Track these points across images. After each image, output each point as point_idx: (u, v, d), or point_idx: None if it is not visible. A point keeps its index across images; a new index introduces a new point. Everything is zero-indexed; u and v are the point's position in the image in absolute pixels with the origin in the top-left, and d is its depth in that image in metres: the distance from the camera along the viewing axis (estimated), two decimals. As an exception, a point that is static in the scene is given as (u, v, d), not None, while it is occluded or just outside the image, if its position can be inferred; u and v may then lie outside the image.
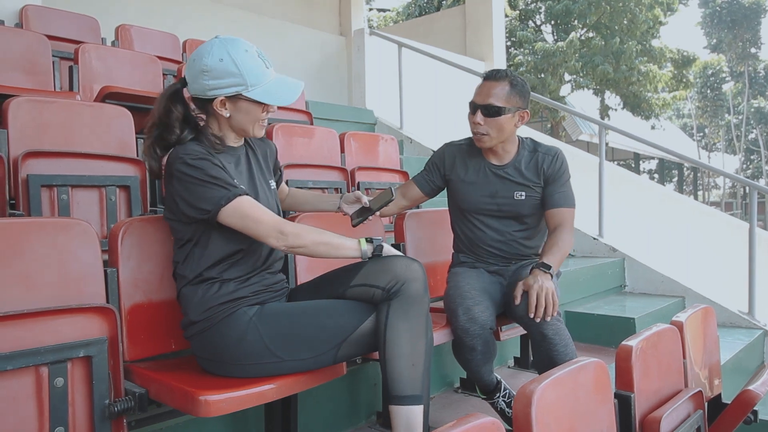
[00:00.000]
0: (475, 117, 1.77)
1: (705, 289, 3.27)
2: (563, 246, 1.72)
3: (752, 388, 1.45)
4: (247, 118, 1.35)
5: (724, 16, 22.38)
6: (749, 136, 24.85)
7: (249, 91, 1.30)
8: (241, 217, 1.26)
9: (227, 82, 1.29)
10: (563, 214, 1.80)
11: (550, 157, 1.83)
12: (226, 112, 1.33)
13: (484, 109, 1.75)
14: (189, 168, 1.26)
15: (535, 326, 1.63)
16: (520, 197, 1.82)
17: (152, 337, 1.38)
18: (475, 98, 1.79)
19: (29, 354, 1.08)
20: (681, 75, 14.32)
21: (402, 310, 1.30)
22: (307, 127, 2.92)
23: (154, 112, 1.36)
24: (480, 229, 1.87)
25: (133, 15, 4.30)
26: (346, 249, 1.34)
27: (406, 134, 4.78)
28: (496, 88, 1.75)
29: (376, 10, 16.87)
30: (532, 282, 1.60)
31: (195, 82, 1.33)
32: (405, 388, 1.28)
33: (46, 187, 1.74)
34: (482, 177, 1.86)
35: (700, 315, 1.64)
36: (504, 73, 1.78)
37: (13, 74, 2.53)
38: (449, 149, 1.94)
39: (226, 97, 1.31)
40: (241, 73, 1.29)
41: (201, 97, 1.34)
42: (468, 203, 1.87)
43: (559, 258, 1.70)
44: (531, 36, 12.89)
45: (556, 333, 1.62)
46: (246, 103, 1.33)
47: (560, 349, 1.62)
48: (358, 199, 1.63)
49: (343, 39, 6.35)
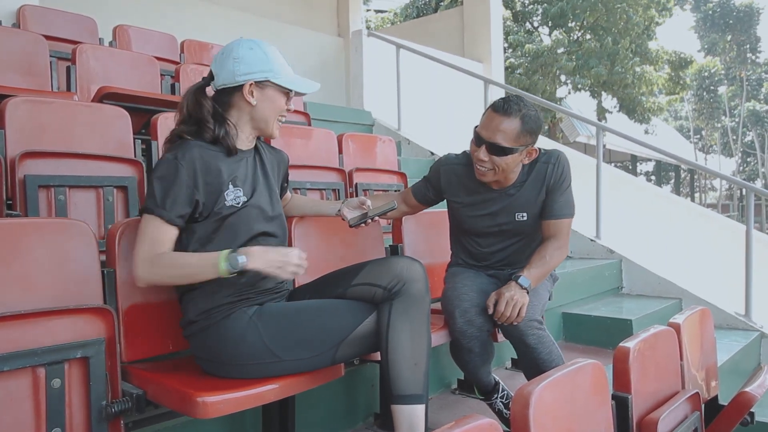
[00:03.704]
0: (479, 152, 1.62)
1: (702, 291, 3.28)
2: (550, 261, 1.68)
3: (749, 390, 1.45)
4: (272, 107, 1.40)
5: (717, 20, 22.46)
6: (745, 139, 24.95)
7: (277, 78, 1.38)
8: (140, 232, 1.28)
9: (258, 67, 1.36)
10: (559, 225, 1.73)
11: (551, 166, 1.71)
12: (253, 99, 1.37)
13: (491, 146, 1.60)
14: (166, 167, 1.28)
15: (516, 336, 1.61)
16: (522, 218, 1.75)
17: (150, 338, 1.38)
18: (481, 130, 1.62)
19: (26, 355, 1.08)
20: (677, 77, 14.36)
21: (404, 310, 1.31)
22: (305, 128, 2.92)
23: (182, 108, 1.39)
24: (480, 245, 1.84)
25: (131, 15, 4.29)
26: (206, 272, 1.24)
27: (404, 135, 4.78)
28: (505, 124, 1.58)
29: (374, 11, 16.88)
30: (505, 291, 1.59)
31: (224, 71, 1.36)
32: (407, 388, 1.29)
33: (44, 188, 1.73)
34: (481, 202, 1.77)
35: (697, 317, 1.65)
36: (516, 107, 1.59)
37: (10, 74, 2.52)
38: (445, 169, 1.81)
39: (255, 83, 1.36)
40: (269, 61, 1.38)
41: (229, 86, 1.37)
42: (468, 225, 1.82)
43: (541, 273, 1.66)
44: (523, 39, 12.92)
45: (538, 341, 1.60)
46: (273, 90, 1.39)
47: (544, 356, 1.60)
48: (362, 204, 1.64)
49: (341, 40, 6.35)
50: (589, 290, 3.20)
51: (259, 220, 1.39)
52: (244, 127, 1.41)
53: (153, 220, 1.27)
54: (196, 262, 1.26)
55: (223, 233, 1.32)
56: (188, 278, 1.27)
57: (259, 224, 1.38)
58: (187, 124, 1.38)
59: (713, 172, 3.92)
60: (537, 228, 1.81)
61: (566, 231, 1.75)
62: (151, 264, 1.25)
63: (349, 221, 1.63)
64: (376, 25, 15.93)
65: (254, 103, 1.38)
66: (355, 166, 2.89)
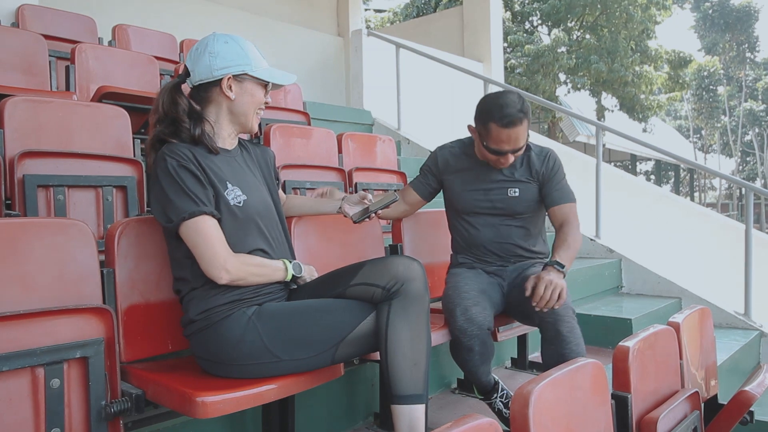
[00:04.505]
0: (506, 159, 1.76)
1: (702, 290, 3.28)
2: (572, 243, 1.73)
3: (748, 389, 1.45)
4: (251, 101, 1.40)
5: (716, 19, 22.47)
6: (745, 138, 24.95)
7: (254, 71, 1.37)
8: (197, 236, 1.25)
9: (234, 61, 1.36)
10: (565, 209, 1.81)
11: (542, 158, 1.85)
12: (232, 93, 1.37)
13: (516, 150, 1.75)
14: (168, 173, 1.27)
15: (550, 323, 1.62)
16: (513, 194, 1.84)
17: (149, 338, 1.38)
18: (504, 146, 1.73)
19: (25, 355, 1.08)
20: (677, 76, 14.36)
21: (403, 310, 1.30)
22: (305, 128, 2.92)
23: (157, 107, 1.37)
24: (476, 228, 1.87)
25: (131, 15, 4.29)
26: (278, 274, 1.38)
27: (404, 135, 4.78)
28: (520, 130, 1.71)
29: (373, 10, 16.87)
30: (545, 275, 1.60)
31: (200, 66, 1.36)
32: (407, 388, 1.28)
33: (43, 188, 1.73)
34: (475, 176, 1.88)
35: (696, 316, 1.65)
36: (521, 112, 1.71)
37: (9, 74, 2.52)
38: (441, 152, 1.96)
39: (233, 77, 1.35)
40: (246, 54, 1.37)
41: (206, 82, 1.36)
42: (462, 203, 1.88)
43: (571, 255, 1.71)
44: (522, 39, 12.92)
45: (570, 331, 1.62)
46: (251, 83, 1.38)
47: (573, 347, 1.62)
48: (363, 198, 1.64)
49: (341, 40, 6.35)
50: (588, 289, 3.21)
51: (263, 217, 1.40)
52: (223, 124, 1.41)
53: (204, 221, 1.26)
54: (269, 263, 1.36)
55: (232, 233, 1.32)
56: (265, 278, 1.35)
57: (263, 222, 1.39)
58: (162, 123, 1.36)
59: (713, 171, 3.92)
60: (531, 220, 1.86)
61: (574, 215, 1.82)
62: (238, 261, 1.28)
63: (352, 217, 1.63)
64: (375, 25, 15.93)
65: (233, 97, 1.37)
66: (354, 166, 2.89)
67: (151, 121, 1.39)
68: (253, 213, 1.37)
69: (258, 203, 1.39)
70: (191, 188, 1.26)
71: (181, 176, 1.26)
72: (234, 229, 1.33)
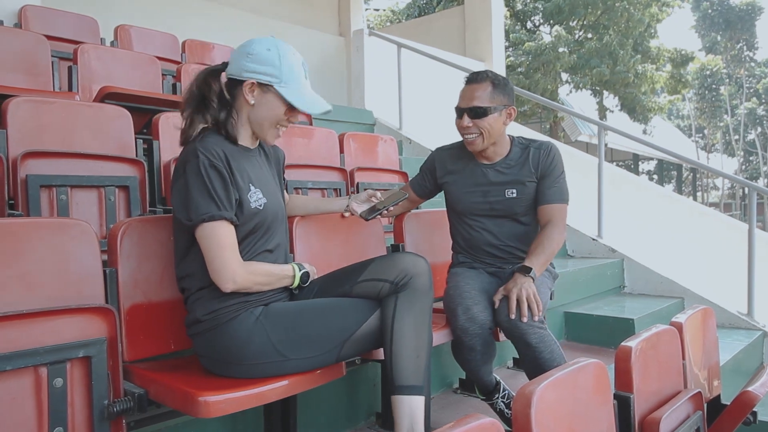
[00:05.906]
0: (462, 121, 1.77)
1: (704, 290, 3.27)
2: (549, 245, 1.71)
3: (751, 389, 1.45)
4: (269, 114, 1.36)
5: (716, 18, 22.41)
6: (747, 138, 24.87)
7: (281, 87, 1.33)
8: (211, 241, 1.25)
9: (265, 69, 1.32)
10: (552, 210, 1.79)
11: (542, 152, 1.82)
12: (252, 98, 1.35)
13: (471, 111, 1.75)
14: (197, 171, 1.25)
15: (517, 335, 1.60)
16: (511, 195, 1.81)
17: (152, 338, 1.38)
18: (460, 103, 1.80)
19: (28, 354, 1.08)
20: (679, 75, 14.32)
21: (409, 303, 1.34)
22: (307, 128, 2.92)
23: (191, 86, 1.37)
24: (476, 230, 1.87)
25: (133, 15, 4.30)
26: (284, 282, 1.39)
27: (406, 135, 4.78)
28: (479, 90, 1.76)
29: (373, 9, 16.86)
30: (512, 286, 1.59)
31: (235, 62, 1.35)
32: (408, 378, 1.31)
33: (46, 188, 1.74)
34: (473, 178, 1.86)
35: (699, 316, 1.64)
36: (485, 74, 1.79)
37: (12, 74, 2.53)
38: (439, 154, 1.96)
39: (257, 83, 1.33)
40: (281, 67, 1.33)
41: (235, 78, 1.35)
42: (461, 204, 1.88)
43: (543, 259, 1.68)
44: (524, 37, 12.90)
45: (540, 341, 1.58)
46: (273, 97, 1.34)
47: (546, 356, 1.59)
48: (371, 197, 1.64)
49: (342, 39, 6.35)
50: (590, 289, 3.20)
51: (276, 220, 1.40)
52: (244, 124, 1.40)
53: (221, 226, 1.25)
54: (277, 271, 1.36)
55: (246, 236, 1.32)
56: (269, 286, 1.34)
57: (275, 225, 1.40)
58: (191, 103, 1.36)
59: (715, 170, 3.91)
60: (531, 220, 1.85)
61: (561, 216, 1.79)
62: (246, 270, 1.27)
63: (362, 215, 1.63)
64: (374, 23, 15.92)
65: (252, 103, 1.35)
66: (356, 166, 2.89)
67: (183, 100, 1.38)
68: (270, 216, 1.37)
69: (275, 205, 1.40)
70: (217, 190, 1.25)
71: (210, 176, 1.25)
72: (248, 233, 1.33)
